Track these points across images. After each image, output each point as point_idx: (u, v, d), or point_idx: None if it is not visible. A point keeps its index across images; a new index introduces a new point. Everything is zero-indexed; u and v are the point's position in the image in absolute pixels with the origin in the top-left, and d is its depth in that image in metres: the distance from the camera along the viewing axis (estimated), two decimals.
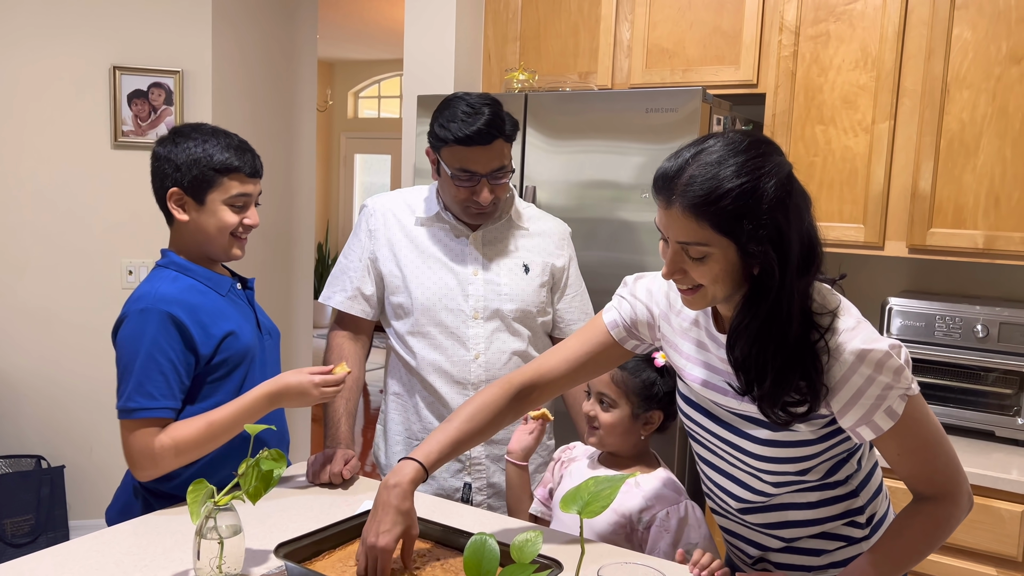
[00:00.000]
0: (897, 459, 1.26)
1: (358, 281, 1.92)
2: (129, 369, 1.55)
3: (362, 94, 8.91)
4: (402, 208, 1.94)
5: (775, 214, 1.15)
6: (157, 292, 1.57)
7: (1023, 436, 2.23)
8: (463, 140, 1.75)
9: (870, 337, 1.20)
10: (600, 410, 1.58)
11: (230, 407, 1.58)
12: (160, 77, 3.20)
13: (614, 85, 2.78)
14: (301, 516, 1.57)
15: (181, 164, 1.61)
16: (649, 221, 2.35)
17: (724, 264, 1.19)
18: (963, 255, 2.31)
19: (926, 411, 1.26)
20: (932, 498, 1.27)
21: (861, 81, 2.40)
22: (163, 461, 1.54)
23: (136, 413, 1.53)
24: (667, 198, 1.20)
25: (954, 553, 2.09)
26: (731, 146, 1.18)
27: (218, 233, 1.64)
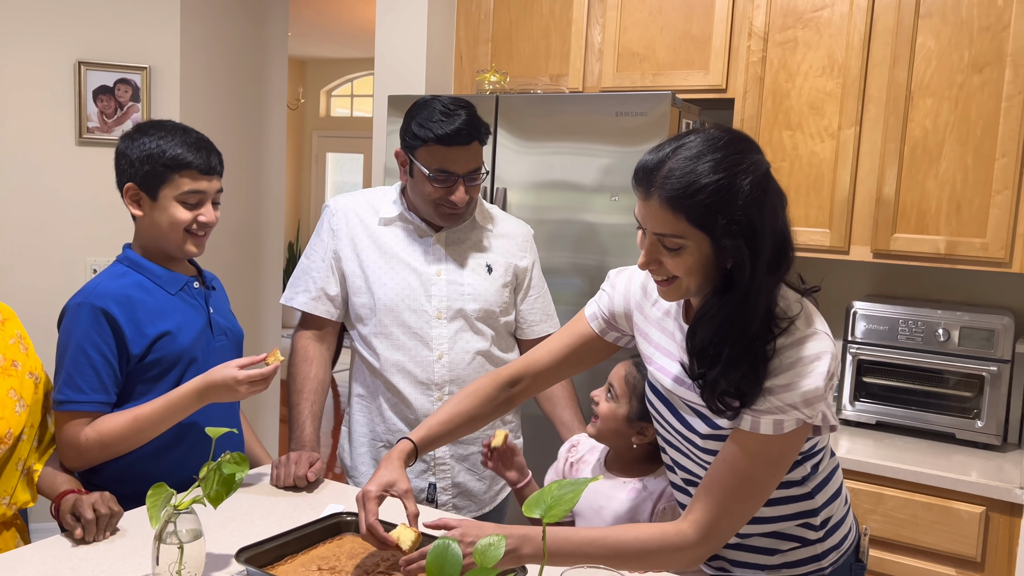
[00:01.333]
0: (722, 464, 1.24)
1: (321, 281, 1.90)
2: (62, 362, 1.60)
3: (335, 93, 8.85)
4: (365, 208, 1.92)
5: (750, 210, 1.18)
6: (96, 287, 1.61)
7: (983, 439, 2.28)
8: (444, 139, 1.75)
9: (816, 352, 1.21)
10: (604, 398, 1.61)
11: (157, 402, 1.58)
12: (127, 73, 3.15)
13: (585, 88, 2.79)
14: (265, 520, 1.55)
15: (135, 159, 1.63)
16: (617, 224, 2.36)
17: (698, 257, 1.21)
18: (926, 260, 2.35)
19: (788, 458, 1.24)
20: (685, 522, 1.26)
21: (828, 87, 2.43)
22: (88, 453, 1.58)
23: (64, 405, 1.58)
24: (646, 190, 1.22)
25: (914, 554, 2.12)
26: (710, 142, 1.21)
27: (170, 229, 1.64)
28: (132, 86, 3.17)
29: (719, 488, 1.25)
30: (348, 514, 1.48)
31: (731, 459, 1.25)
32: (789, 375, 1.20)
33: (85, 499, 1.45)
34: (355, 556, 1.39)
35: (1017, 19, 2.19)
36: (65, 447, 1.59)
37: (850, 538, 1.45)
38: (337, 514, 1.47)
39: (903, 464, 2.13)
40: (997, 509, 2.03)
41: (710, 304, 1.24)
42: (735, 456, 1.24)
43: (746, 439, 1.23)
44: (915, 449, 2.26)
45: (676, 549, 1.25)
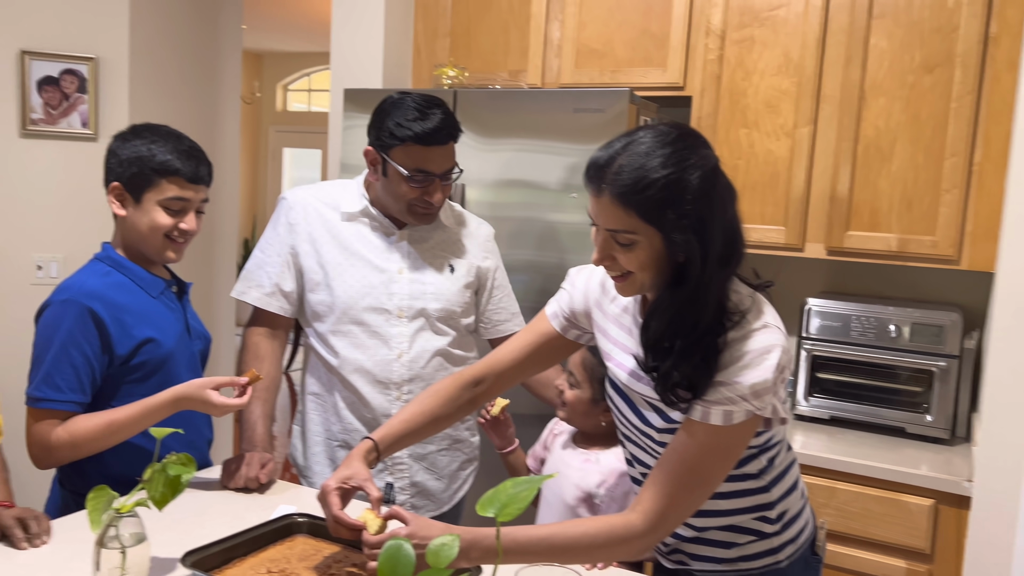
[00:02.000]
0: (672, 454, 1.25)
1: (276, 277, 1.86)
2: (41, 358, 1.56)
3: (292, 87, 8.73)
4: (324, 202, 1.88)
5: (699, 205, 1.19)
6: (83, 285, 1.58)
7: (932, 432, 2.32)
8: (423, 139, 1.72)
9: (767, 345, 1.22)
10: (567, 386, 1.71)
11: (133, 407, 1.56)
12: (73, 63, 3.06)
13: (544, 84, 2.78)
14: (213, 522, 1.51)
15: (124, 160, 1.62)
16: (576, 222, 2.35)
17: (650, 251, 1.22)
18: (878, 257, 2.38)
19: (737, 449, 1.25)
20: (633, 512, 1.26)
21: (783, 86, 2.45)
22: (58, 453, 1.55)
23: (41, 403, 1.54)
24: (597, 186, 1.23)
25: (866, 546, 2.15)
26: (660, 137, 1.21)
27: (150, 233, 1.63)
28: (79, 77, 3.08)
29: (668, 477, 1.25)
30: (300, 515, 1.45)
31: (681, 448, 1.25)
32: (739, 367, 1.21)
33: (5, 514, 1.41)
34: (306, 558, 1.36)
35: (967, 21, 2.23)
36: (35, 445, 1.56)
37: (807, 531, 1.46)
38: (288, 515, 1.44)
39: (855, 458, 2.15)
40: (946, 502, 2.07)
41: (662, 298, 1.25)
42: (685, 445, 1.25)
43: (696, 429, 1.24)
44: (867, 443, 2.29)
45: (623, 540, 1.25)
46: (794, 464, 1.46)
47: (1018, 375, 1.96)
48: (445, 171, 1.80)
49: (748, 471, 1.36)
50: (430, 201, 1.79)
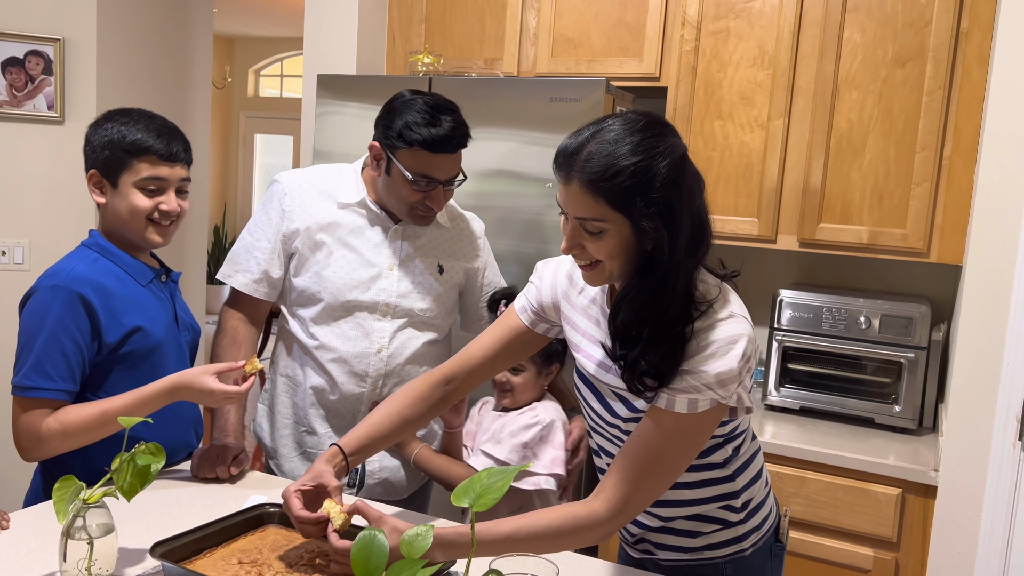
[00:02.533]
0: (636, 441, 1.25)
1: (265, 263, 1.83)
2: (30, 346, 1.51)
3: (263, 72, 8.62)
4: (319, 188, 1.85)
5: (667, 193, 1.19)
6: (72, 271, 1.54)
7: (900, 423, 2.35)
8: (432, 145, 1.70)
9: (733, 335, 1.22)
10: (511, 375, 1.84)
11: (127, 396, 1.53)
12: (38, 44, 2.99)
13: (520, 73, 2.76)
14: (183, 512, 1.49)
15: (97, 145, 1.60)
16: (552, 211, 2.35)
17: (619, 240, 1.22)
18: (849, 249, 2.40)
19: (701, 438, 1.25)
20: (595, 500, 1.26)
21: (758, 78, 2.46)
22: (49, 444, 1.51)
23: (31, 392, 1.50)
24: (567, 174, 1.22)
25: (833, 535, 2.18)
26: (628, 126, 1.21)
27: (131, 217, 1.60)
28: (44, 59, 3.01)
29: (631, 464, 1.25)
30: (271, 505, 1.43)
31: (645, 435, 1.25)
32: (704, 357, 1.22)
33: None
34: (278, 548, 1.34)
35: (939, 16, 2.25)
36: (24, 435, 1.51)
37: (770, 520, 1.47)
38: (259, 506, 1.42)
39: (825, 448, 2.18)
40: (912, 491, 2.10)
41: (630, 286, 1.25)
42: (649, 432, 1.25)
43: (661, 416, 1.24)
44: (836, 433, 2.32)
45: (587, 528, 1.25)
46: (758, 453, 1.48)
47: (983, 367, 1.99)
48: (449, 178, 1.77)
49: (714, 460, 1.37)
50: (431, 205, 1.77)
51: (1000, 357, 1.97)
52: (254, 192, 8.64)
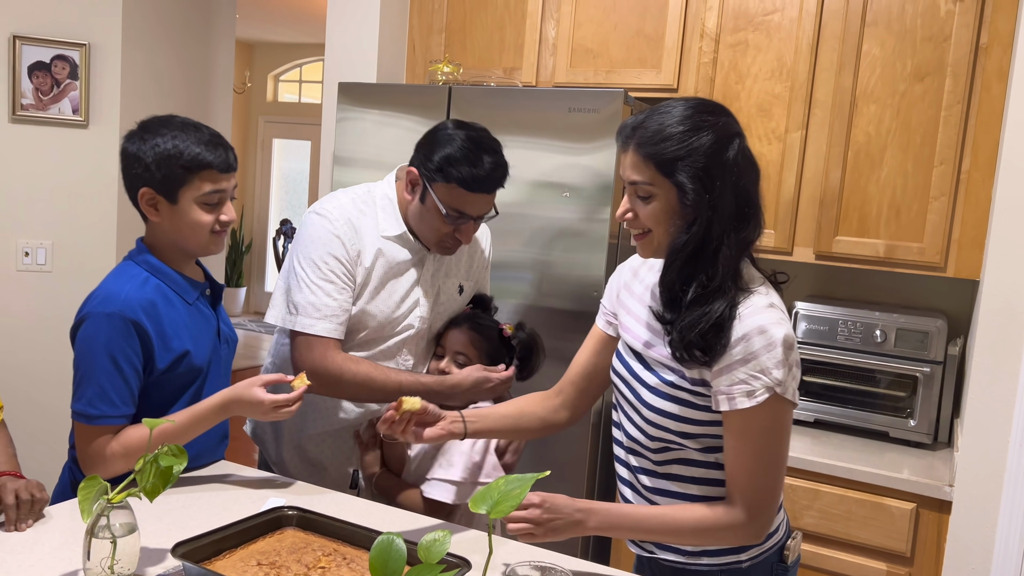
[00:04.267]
0: (730, 450, 1.34)
1: (348, 303, 1.77)
2: (90, 374, 1.52)
3: (283, 77, 8.69)
4: (363, 218, 1.81)
5: (710, 163, 1.29)
6: (126, 296, 1.54)
7: (915, 437, 2.35)
8: (471, 185, 1.70)
9: (775, 320, 1.30)
10: (455, 367, 1.80)
11: (183, 415, 1.57)
12: (65, 49, 3.04)
13: (538, 82, 2.78)
14: (203, 513, 1.51)
15: (151, 163, 1.55)
16: (567, 220, 2.36)
17: (665, 206, 1.32)
18: (866, 263, 2.41)
19: (781, 429, 1.33)
20: (732, 504, 1.34)
21: (776, 91, 2.47)
22: (113, 464, 1.54)
23: (97, 420, 1.53)
24: (624, 141, 1.36)
25: (847, 548, 2.18)
26: (686, 103, 1.35)
27: (193, 233, 1.60)
28: (70, 63, 3.05)
29: (739, 471, 1.33)
30: (289, 508, 1.45)
31: (732, 442, 1.33)
32: (749, 345, 1.28)
33: (9, 484, 1.41)
34: (296, 551, 1.36)
35: (958, 31, 2.25)
36: (90, 459, 1.54)
37: (776, 537, 1.47)
38: (278, 508, 1.44)
39: (839, 461, 2.18)
40: (927, 506, 2.10)
41: (677, 249, 1.33)
42: (734, 439, 1.33)
43: (733, 422, 1.32)
44: (851, 447, 2.32)
45: (728, 527, 1.34)
46: None
47: (999, 382, 1.99)
48: (482, 215, 1.79)
49: (720, 459, 1.40)
50: (459, 239, 1.79)
51: (1016, 372, 1.96)
52: (272, 196, 8.71)
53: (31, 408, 2.89)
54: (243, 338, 7.58)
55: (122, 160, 1.60)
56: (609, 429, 2.44)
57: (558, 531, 1.35)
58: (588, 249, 2.33)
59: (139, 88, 3.19)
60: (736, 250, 1.33)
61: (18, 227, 3.05)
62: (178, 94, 3.41)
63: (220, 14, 3.61)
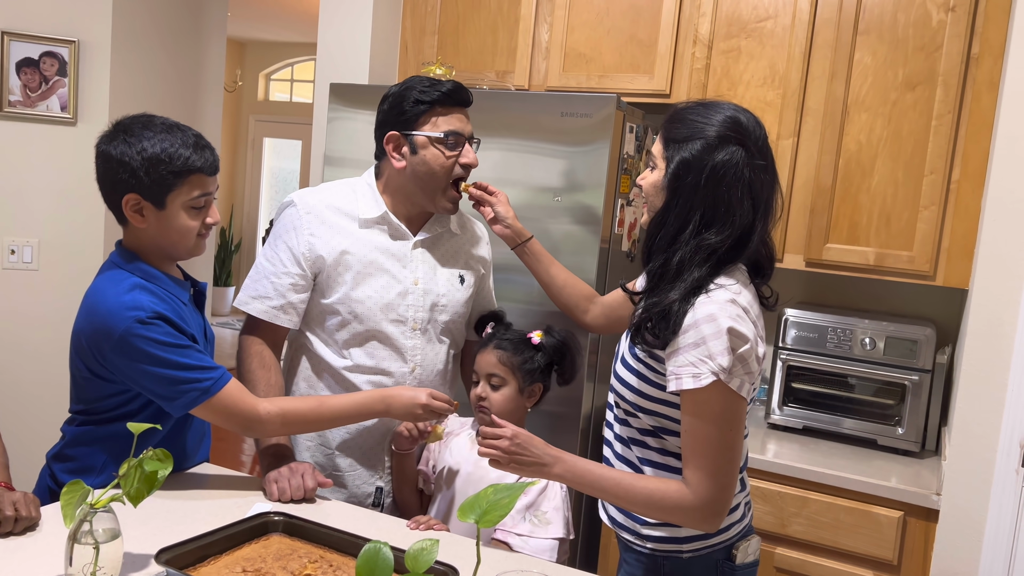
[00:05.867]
0: (683, 432, 1.39)
1: (285, 289, 1.78)
2: (168, 369, 1.51)
3: (274, 76, 8.66)
4: (337, 208, 1.81)
5: (699, 155, 1.38)
6: (145, 302, 1.51)
7: (903, 445, 2.35)
8: (452, 95, 1.76)
9: (729, 314, 1.35)
10: (491, 391, 1.74)
11: (344, 399, 1.66)
12: (53, 46, 3.01)
13: (531, 86, 2.78)
14: (188, 518, 1.50)
15: (138, 167, 1.51)
16: (560, 224, 2.35)
17: (656, 179, 1.44)
18: (856, 270, 2.41)
19: (731, 419, 1.36)
20: (685, 485, 1.38)
21: (768, 98, 2.47)
22: (269, 425, 1.60)
23: (216, 386, 1.54)
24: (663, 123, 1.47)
25: (834, 556, 2.18)
26: (734, 107, 1.43)
27: (181, 238, 1.58)
28: (59, 60, 3.03)
29: (691, 453, 1.38)
30: (275, 514, 1.44)
31: (685, 424, 1.39)
32: (699, 331, 1.34)
33: (7, 496, 1.38)
34: (282, 557, 1.35)
35: (950, 41, 2.26)
36: (242, 416, 1.57)
37: (724, 535, 1.48)
38: (264, 514, 1.43)
39: (827, 469, 2.18)
40: (914, 514, 2.10)
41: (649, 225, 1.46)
42: (686, 421, 1.38)
43: (685, 403, 1.37)
44: (839, 454, 2.32)
45: (677, 506, 1.38)
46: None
47: (987, 392, 1.99)
48: (470, 134, 1.82)
49: (668, 446, 1.46)
50: (467, 164, 1.80)
51: (1005, 382, 1.97)
52: (261, 195, 8.67)
53: (14, 409, 2.86)
54: (230, 338, 7.54)
55: (102, 164, 1.54)
56: (596, 436, 2.44)
57: (523, 467, 1.45)
58: (580, 254, 2.32)
59: (129, 86, 3.16)
60: (692, 248, 1.39)
61: (4, 225, 3.02)
62: (168, 92, 3.39)
63: (211, 12, 3.59)
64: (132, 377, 1.51)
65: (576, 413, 2.35)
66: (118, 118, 1.59)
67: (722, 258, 1.41)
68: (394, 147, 1.79)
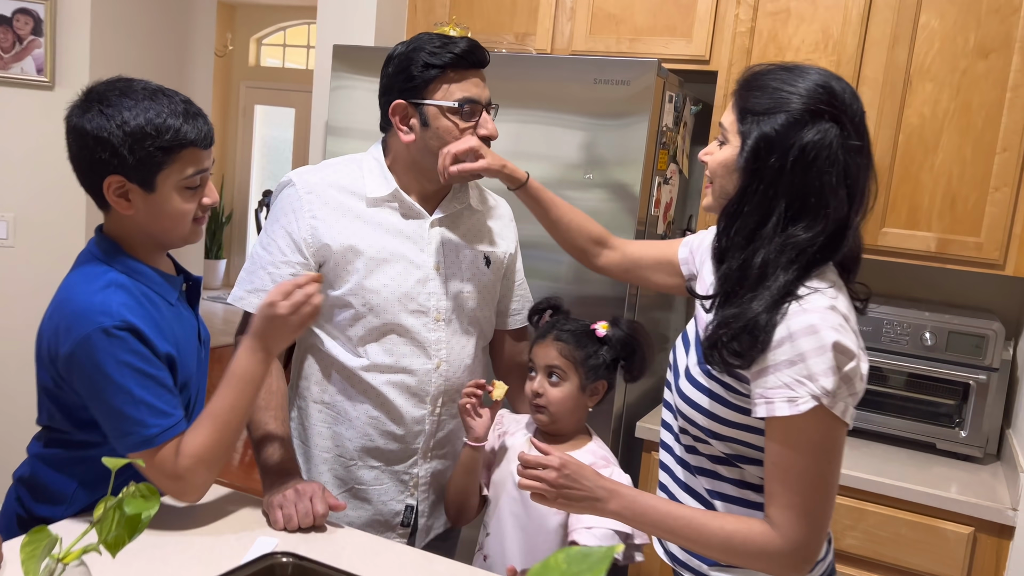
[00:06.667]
0: (770, 465, 1.17)
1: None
2: (124, 399, 1.25)
3: (265, 41, 8.32)
4: (342, 187, 1.58)
5: (782, 133, 1.15)
6: (118, 304, 1.26)
7: (965, 450, 2.14)
8: (465, 57, 1.51)
9: (832, 324, 1.12)
10: (549, 385, 1.53)
11: (224, 388, 1.33)
12: (27, 2, 2.73)
13: (553, 50, 2.53)
14: (176, 558, 1.27)
15: (120, 144, 1.25)
16: (590, 202, 2.12)
17: (728, 158, 1.21)
18: (915, 257, 2.19)
19: (830, 450, 1.15)
20: (772, 523, 1.17)
21: (821, 65, 2.22)
22: (196, 478, 1.31)
23: (163, 436, 1.28)
24: (734, 85, 1.25)
25: (894, 574, 1.98)
26: (821, 72, 1.19)
27: (174, 224, 1.33)
28: (34, 17, 2.76)
29: (779, 488, 1.16)
30: (283, 554, 1.22)
31: (773, 454, 1.17)
32: (796, 346, 1.12)
33: None
34: None
35: None
36: (167, 480, 1.29)
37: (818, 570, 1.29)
38: (269, 555, 1.21)
39: (885, 478, 1.97)
40: (986, 530, 1.90)
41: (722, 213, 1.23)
42: (774, 451, 1.16)
43: (774, 431, 1.16)
44: (895, 459, 2.12)
45: (761, 551, 1.17)
46: None
47: None
48: (488, 100, 1.57)
49: (753, 481, 1.26)
50: (488, 135, 1.55)
51: None
52: (253, 165, 8.38)
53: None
54: (222, 313, 7.30)
55: (75, 140, 1.28)
56: (628, 435, 2.23)
57: (573, 502, 1.24)
58: None
59: (110, 48, 2.89)
60: (782, 247, 1.16)
61: None
62: (153, 56, 3.12)
63: None
64: (82, 394, 1.28)
65: (606, 410, 2.14)
66: (91, 84, 1.32)
67: (812, 259, 1.18)
68: (401, 118, 1.55)
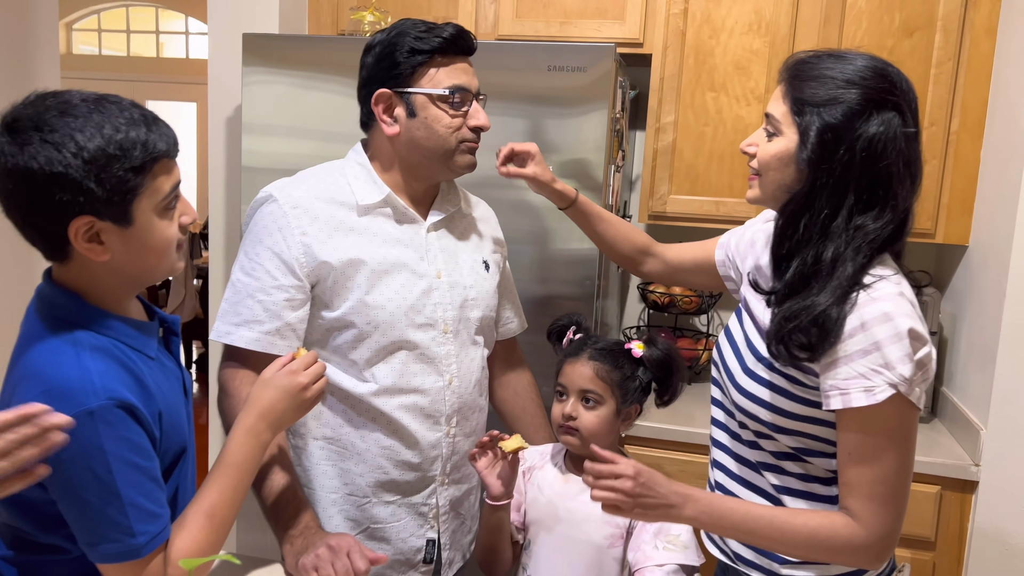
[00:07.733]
0: (846, 456, 1.16)
1: (280, 307, 1.36)
2: (110, 498, 1.02)
3: (77, 26, 7.51)
4: (330, 196, 1.42)
5: (845, 123, 1.13)
6: (99, 377, 1.02)
7: None
8: (454, 41, 1.40)
9: (904, 311, 1.13)
10: (583, 409, 1.41)
11: (217, 482, 1.13)
12: None
13: (477, 35, 2.36)
14: None
15: (81, 176, 0.99)
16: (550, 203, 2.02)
17: (783, 150, 1.18)
18: None
19: (907, 436, 1.15)
20: (852, 515, 1.16)
21: (754, 46, 2.24)
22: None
23: (150, 546, 1.06)
24: (782, 72, 1.23)
25: None
26: (871, 58, 1.18)
27: (159, 257, 1.09)
28: None
29: (858, 479, 1.15)
30: None
31: (848, 445, 1.16)
32: (871, 334, 1.11)
33: None
34: None
35: None
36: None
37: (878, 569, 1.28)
38: None
39: None
40: (950, 487, 2.00)
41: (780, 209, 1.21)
42: (850, 441, 1.15)
43: (850, 423, 1.15)
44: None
45: (846, 544, 1.16)
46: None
47: None
48: (477, 89, 1.46)
49: (821, 476, 1.25)
50: (480, 125, 1.43)
51: None
52: None
53: None
54: None
55: (19, 186, 1.00)
56: None
57: (648, 510, 1.19)
58: (577, 231, 2.01)
59: None
60: (852, 238, 1.15)
61: None
62: None
63: None
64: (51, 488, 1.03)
65: None
66: (4, 110, 1.03)
67: (879, 247, 1.18)
68: (384, 108, 1.42)
